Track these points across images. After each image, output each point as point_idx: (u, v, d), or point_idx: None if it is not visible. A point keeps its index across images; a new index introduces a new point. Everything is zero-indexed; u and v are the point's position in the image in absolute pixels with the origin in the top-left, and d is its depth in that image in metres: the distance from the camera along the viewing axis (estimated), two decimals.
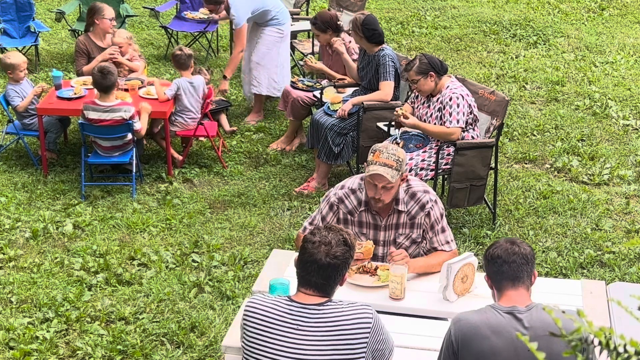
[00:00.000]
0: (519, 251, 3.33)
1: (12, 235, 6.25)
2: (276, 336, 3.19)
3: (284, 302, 3.25)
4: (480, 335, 3.18)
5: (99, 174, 7.31)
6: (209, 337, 5.09)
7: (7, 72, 7.40)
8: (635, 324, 1.94)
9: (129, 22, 10.73)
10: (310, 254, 3.23)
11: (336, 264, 3.23)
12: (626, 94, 9.01)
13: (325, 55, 7.79)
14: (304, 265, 3.25)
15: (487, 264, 3.39)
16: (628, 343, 1.69)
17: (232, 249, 6.10)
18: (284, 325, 3.20)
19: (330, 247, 3.23)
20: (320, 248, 3.22)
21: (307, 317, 3.20)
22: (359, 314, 3.19)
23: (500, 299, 3.31)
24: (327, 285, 3.25)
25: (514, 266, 3.30)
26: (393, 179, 4.15)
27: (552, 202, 6.74)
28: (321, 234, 3.27)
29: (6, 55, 7.52)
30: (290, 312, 3.21)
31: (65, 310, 5.32)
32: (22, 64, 7.33)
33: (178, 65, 7.34)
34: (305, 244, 3.28)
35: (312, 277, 3.23)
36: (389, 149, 4.21)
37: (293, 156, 7.60)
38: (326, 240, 3.24)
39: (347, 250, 3.27)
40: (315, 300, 3.23)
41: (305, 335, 3.17)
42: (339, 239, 3.26)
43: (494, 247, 3.39)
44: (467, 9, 12.07)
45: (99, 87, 6.74)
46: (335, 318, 3.18)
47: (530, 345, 1.67)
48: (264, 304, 3.26)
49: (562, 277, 5.68)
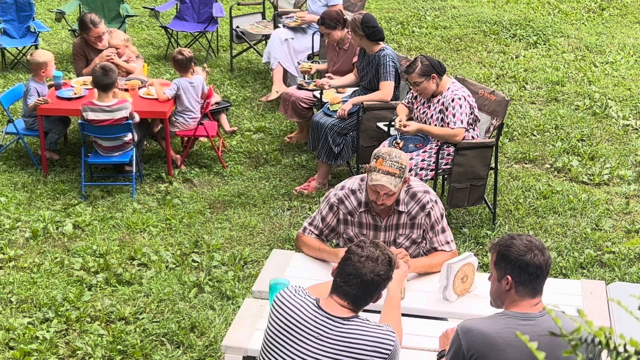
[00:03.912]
0: (550, 262, 3.20)
1: (12, 235, 6.25)
2: (295, 339, 3.19)
3: (312, 306, 3.24)
4: (496, 348, 3.06)
5: (99, 174, 7.31)
6: (209, 337, 5.09)
7: (39, 71, 7.37)
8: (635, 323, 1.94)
9: (129, 22, 10.74)
10: (355, 267, 3.23)
11: (378, 282, 3.24)
12: (626, 94, 9.01)
13: (330, 51, 7.79)
14: (347, 277, 3.24)
15: (519, 268, 3.16)
16: (628, 343, 1.69)
17: (232, 249, 6.10)
18: (305, 331, 3.19)
19: (376, 265, 3.23)
20: (367, 263, 3.23)
21: (329, 329, 3.18)
22: (382, 338, 3.17)
23: (517, 306, 3.18)
24: (363, 300, 3.25)
25: (543, 277, 3.18)
26: (396, 188, 4.14)
27: (552, 202, 6.74)
28: (369, 249, 3.27)
29: (34, 54, 7.50)
30: (315, 318, 3.20)
31: (65, 310, 5.32)
32: (51, 59, 7.41)
33: (179, 67, 7.34)
34: (351, 255, 3.27)
35: (352, 289, 3.22)
36: (392, 156, 4.17)
37: (293, 156, 7.60)
38: (373, 256, 3.25)
39: (390, 270, 3.29)
40: (344, 313, 3.21)
41: (324, 346, 3.16)
42: (385, 258, 3.28)
43: (529, 252, 3.16)
44: (467, 9, 12.07)
45: (99, 85, 6.74)
46: (357, 336, 3.17)
47: (530, 345, 1.67)
48: (292, 301, 3.25)
49: (562, 277, 5.68)
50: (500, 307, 3.27)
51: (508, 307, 3.21)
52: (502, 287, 3.22)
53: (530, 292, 3.18)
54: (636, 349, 1.68)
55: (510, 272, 3.18)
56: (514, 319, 3.13)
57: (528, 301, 3.18)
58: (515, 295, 3.19)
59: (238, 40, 9.65)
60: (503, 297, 3.24)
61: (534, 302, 3.19)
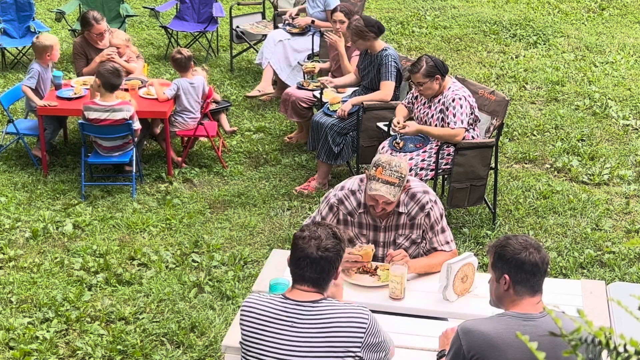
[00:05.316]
0: (547, 260, 3.22)
1: (12, 235, 6.25)
2: (271, 334, 3.20)
3: (278, 300, 3.26)
4: (497, 349, 3.06)
5: (99, 174, 7.31)
6: (209, 337, 5.09)
7: (44, 55, 7.38)
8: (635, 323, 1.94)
9: (129, 22, 10.74)
10: (301, 250, 3.24)
11: (328, 257, 3.24)
12: (626, 94, 9.01)
13: (332, 50, 7.79)
14: (297, 261, 3.26)
15: (515, 267, 3.18)
16: (628, 343, 1.69)
17: (232, 249, 6.10)
18: (279, 323, 3.20)
19: (321, 241, 3.24)
20: (311, 242, 3.24)
21: (301, 314, 3.20)
22: (354, 314, 3.19)
23: (517, 306, 3.18)
24: (322, 279, 3.25)
25: (540, 275, 3.19)
26: (394, 198, 4.15)
27: (552, 202, 6.74)
28: (310, 229, 3.29)
29: (40, 38, 7.51)
30: (284, 309, 3.22)
31: (65, 310, 5.32)
32: (57, 44, 7.44)
33: (178, 67, 7.34)
34: (295, 240, 3.29)
35: (306, 272, 3.24)
36: (392, 165, 4.16)
37: (293, 156, 7.60)
38: (315, 234, 3.26)
39: (338, 243, 3.28)
40: (311, 297, 3.23)
41: (300, 332, 3.18)
42: (328, 232, 3.28)
43: (524, 250, 3.19)
44: (467, 9, 12.07)
45: (108, 84, 6.72)
46: (330, 316, 3.18)
47: (531, 345, 1.67)
48: (259, 303, 3.27)
49: (562, 277, 5.68)
50: (501, 309, 3.27)
51: (508, 308, 3.22)
52: (501, 288, 3.24)
53: (528, 290, 3.19)
54: (636, 349, 1.68)
55: (507, 271, 3.21)
56: (515, 320, 3.13)
57: (528, 300, 3.18)
58: (514, 295, 3.20)
59: (238, 40, 9.65)
60: (503, 298, 3.25)
61: (534, 301, 3.19)
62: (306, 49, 8.71)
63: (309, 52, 8.66)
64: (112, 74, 6.71)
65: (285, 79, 8.65)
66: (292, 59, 8.74)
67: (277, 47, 8.73)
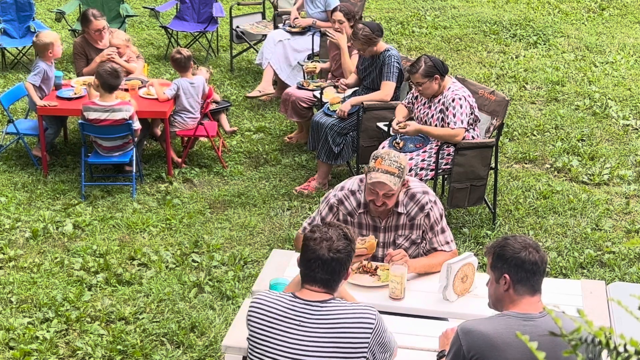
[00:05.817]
0: (546, 260, 3.23)
1: (12, 235, 6.25)
2: (278, 332, 3.21)
3: (288, 298, 3.27)
4: (497, 349, 3.06)
5: (99, 174, 7.31)
6: (209, 337, 5.09)
7: (46, 52, 7.37)
8: (635, 323, 1.94)
9: (129, 22, 10.74)
10: (312, 251, 3.25)
11: (339, 258, 3.25)
12: (626, 94, 9.01)
13: (332, 50, 7.79)
14: (307, 262, 3.27)
15: (516, 266, 3.18)
16: (628, 343, 1.69)
17: (232, 249, 6.10)
18: (287, 321, 3.21)
19: (332, 242, 3.25)
20: (322, 244, 3.25)
21: (309, 314, 3.21)
22: (362, 314, 3.20)
23: (517, 306, 3.18)
24: (332, 280, 3.26)
25: (539, 275, 3.19)
26: (395, 186, 4.14)
27: (552, 202, 6.74)
28: (321, 230, 3.30)
29: (39, 36, 7.51)
30: (293, 308, 3.23)
31: (65, 310, 5.32)
32: (57, 39, 7.44)
33: (178, 67, 7.34)
34: (306, 242, 3.30)
35: (317, 273, 3.24)
36: (391, 156, 4.18)
37: (293, 156, 7.60)
38: (327, 235, 3.27)
39: (349, 244, 3.30)
40: (320, 297, 3.24)
41: (308, 331, 3.18)
42: (340, 233, 3.29)
43: (523, 250, 3.19)
44: (467, 9, 12.07)
45: (106, 85, 6.72)
46: (337, 316, 3.19)
47: (531, 345, 1.67)
48: (268, 300, 3.27)
49: (562, 277, 5.68)
50: (500, 311, 3.26)
51: (508, 308, 3.21)
52: (500, 288, 3.23)
53: (528, 289, 3.19)
54: (636, 349, 1.68)
55: (507, 270, 3.21)
56: (515, 320, 3.13)
57: (527, 299, 3.18)
58: (514, 295, 3.20)
59: (238, 40, 9.65)
60: (502, 298, 3.24)
61: (533, 301, 3.19)
62: (306, 49, 8.72)
63: (309, 52, 8.66)
64: (111, 74, 6.72)
65: (285, 79, 8.65)
66: (292, 59, 8.74)
67: (277, 47, 8.73)
